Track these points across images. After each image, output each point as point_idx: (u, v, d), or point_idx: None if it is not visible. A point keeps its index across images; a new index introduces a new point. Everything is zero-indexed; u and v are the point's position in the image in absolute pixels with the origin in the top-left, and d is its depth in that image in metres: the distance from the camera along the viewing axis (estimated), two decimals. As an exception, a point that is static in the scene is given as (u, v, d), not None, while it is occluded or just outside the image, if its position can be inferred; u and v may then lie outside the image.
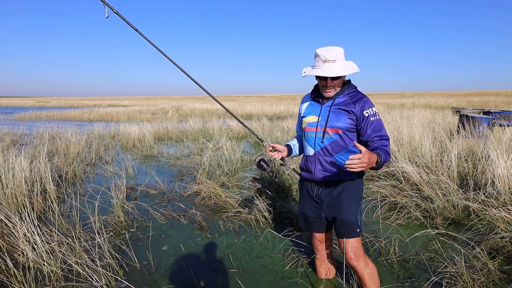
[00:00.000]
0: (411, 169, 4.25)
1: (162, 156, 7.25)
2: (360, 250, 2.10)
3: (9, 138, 8.73)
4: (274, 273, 2.63)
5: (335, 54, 1.98)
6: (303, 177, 2.27)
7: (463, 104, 23.25)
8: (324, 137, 2.08)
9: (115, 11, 2.36)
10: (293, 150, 2.38)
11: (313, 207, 2.25)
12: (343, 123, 2.04)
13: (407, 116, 10.42)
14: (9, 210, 3.17)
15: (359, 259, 2.08)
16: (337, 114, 2.06)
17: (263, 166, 2.37)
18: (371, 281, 2.12)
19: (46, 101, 54.91)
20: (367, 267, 2.11)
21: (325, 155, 2.10)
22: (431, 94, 57.90)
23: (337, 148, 2.08)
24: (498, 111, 9.27)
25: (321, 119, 2.10)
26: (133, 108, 25.49)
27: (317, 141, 2.11)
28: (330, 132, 2.07)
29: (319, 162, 2.12)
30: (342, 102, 2.07)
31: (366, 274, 2.10)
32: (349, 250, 2.07)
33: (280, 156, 2.30)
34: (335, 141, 2.07)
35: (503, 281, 2.40)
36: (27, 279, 2.37)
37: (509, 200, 3.52)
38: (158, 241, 3.22)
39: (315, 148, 2.13)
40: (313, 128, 2.14)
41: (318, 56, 2.01)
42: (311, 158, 2.16)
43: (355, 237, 2.08)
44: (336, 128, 2.05)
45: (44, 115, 20.68)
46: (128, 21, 2.42)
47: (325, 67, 1.99)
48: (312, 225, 2.29)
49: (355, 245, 2.08)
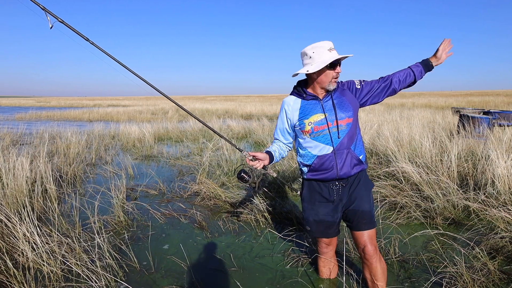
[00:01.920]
0: (411, 169, 4.25)
1: (162, 156, 7.25)
2: (376, 242, 2.09)
3: (9, 138, 8.74)
4: (275, 272, 2.63)
5: (331, 43, 2.01)
6: (319, 179, 2.11)
7: (463, 104, 23.24)
8: (339, 130, 2.03)
9: (60, 19, 2.15)
10: (274, 156, 2.20)
11: (330, 211, 2.14)
12: (349, 111, 2.05)
13: (407, 116, 10.42)
14: (9, 210, 3.17)
15: (377, 251, 2.06)
16: (341, 105, 2.05)
17: (244, 177, 2.21)
18: (384, 276, 2.09)
19: (46, 101, 54.89)
20: (381, 260, 2.10)
21: (344, 148, 2.05)
22: (431, 94, 57.88)
23: (350, 140, 2.06)
24: (498, 111, 9.27)
25: (328, 115, 2.04)
26: (133, 108, 25.48)
27: (333, 136, 2.04)
28: (343, 124, 2.04)
29: (340, 156, 2.05)
30: (337, 92, 2.08)
31: (380, 268, 2.07)
32: (369, 242, 2.03)
33: (261, 165, 2.12)
34: (348, 132, 2.05)
35: (503, 281, 2.39)
36: (27, 279, 2.37)
37: (509, 200, 3.52)
38: (158, 241, 3.22)
39: (333, 145, 2.04)
40: (323, 126, 2.04)
41: (321, 47, 1.97)
42: (329, 156, 2.05)
43: (375, 227, 2.08)
44: (346, 118, 2.04)
45: (44, 115, 20.68)
46: (76, 30, 2.23)
47: (336, 55, 1.97)
48: (331, 231, 2.19)
49: (374, 236, 2.07)
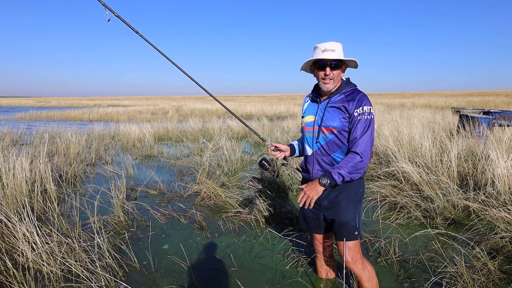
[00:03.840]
0: (411, 169, 4.25)
1: (162, 156, 7.25)
2: (357, 254, 2.08)
3: (9, 138, 8.73)
4: (274, 272, 2.63)
5: (334, 45, 1.99)
6: (303, 177, 2.26)
7: (463, 104, 23.25)
8: (319, 136, 2.07)
9: (116, 14, 2.35)
10: (296, 150, 2.38)
11: (312, 208, 2.23)
12: (338, 123, 2.01)
13: (407, 116, 10.42)
14: (9, 210, 3.17)
15: (356, 263, 2.06)
16: (332, 114, 2.03)
17: (265, 165, 2.37)
18: (369, 283, 2.10)
19: (46, 101, 54.92)
20: (365, 270, 2.09)
21: (322, 154, 2.08)
22: (431, 94, 57.88)
23: (333, 147, 2.05)
24: (498, 111, 9.27)
25: (317, 118, 2.10)
26: (133, 108, 25.49)
27: (314, 140, 2.11)
28: (325, 131, 2.05)
29: (317, 162, 2.11)
30: (337, 101, 2.04)
31: (364, 276, 2.09)
32: (346, 253, 2.06)
33: (282, 156, 2.29)
34: (330, 140, 2.05)
35: (503, 281, 2.39)
36: (26, 280, 2.36)
37: (509, 200, 3.52)
38: (158, 241, 3.22)
39: (313, 148, 2.12)
40: (310, 128, 2.13)
41: (318, 48, 2.01)
42: (309, 158, 2.15)
43: (353, 240, 2.06)
44: (330, 128, 2.02)
45: (44, 115, 20.67)
46: (129, 24, 2.41)
47: (324, 55, 1.99)
48: (312, 226, 2.29)
49: (352, 248, 2.06)
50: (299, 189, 2.33)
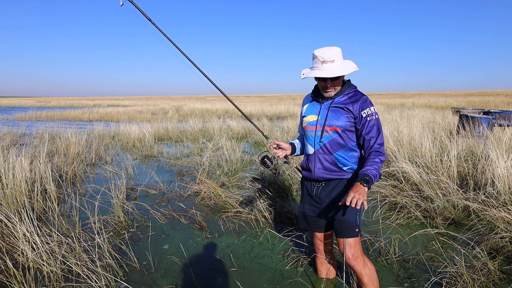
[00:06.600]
0: (411, 169, 4.25)
1: (162, 156, 7.25)
2: (358, 250, 2.10)
3: (9, 138, 8.74)
4: (274, 272, 2.63)
5: (332, 54, 1.99)
6: (304, 176, 2.29)
7: (463, 104, 23.25)
8: (323, 135, 2.10)
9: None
10: (296, 148, 2.40)
11: (312, 207, 2.27)
12: (342, 122, 2.06)
13: (407, 116, 10.43)
14: (9, 210, 3.17)
15: (357, 259, 2.08)
16: (336, 113, 2.08)
17: (266, 163, 2.38)
18: (370, 281, 2.12)
19: (46, 101, 54.91)
20: (366, 267, 2.11)
21: (325, 153, 2.13)
22: (431, 94, 57.89)
23: (336, 146, 2.10)
24: (498, 111, 9.28)
25: (320, 118, 2.13)
26: (133, 108, 25.48)
27: (317, 139, 2.14)
28: (329, 130, 2.09)
29: (319, 161, 2.14)
30: (341, 102, 2.08)
31: (364, 274, 2.10)
32: (347, 250, 2.08)
33: (284, 154, 2.31)
34: (334, 139, 2.09)
35: (503, 281, 2.40)
36: (26, 279, 2.36)
37: (509, 200, 3.52)
38: (158, 241, 3.22)
39: (315, 147, 2.15)
40: (312, 127, 2.16)
41: (316, 57, 2.02)
42: (311, 157, 2.18)
43: (354, 237, 2.08)
44: (335, 127, 2.08)
45: (44, 115, 20.67)
46: (142, 10, 2.39)
47: (324, 67, 2.01)
48: (312, 225, 2.30)
49: (353, 245, 2.08)
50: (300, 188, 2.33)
